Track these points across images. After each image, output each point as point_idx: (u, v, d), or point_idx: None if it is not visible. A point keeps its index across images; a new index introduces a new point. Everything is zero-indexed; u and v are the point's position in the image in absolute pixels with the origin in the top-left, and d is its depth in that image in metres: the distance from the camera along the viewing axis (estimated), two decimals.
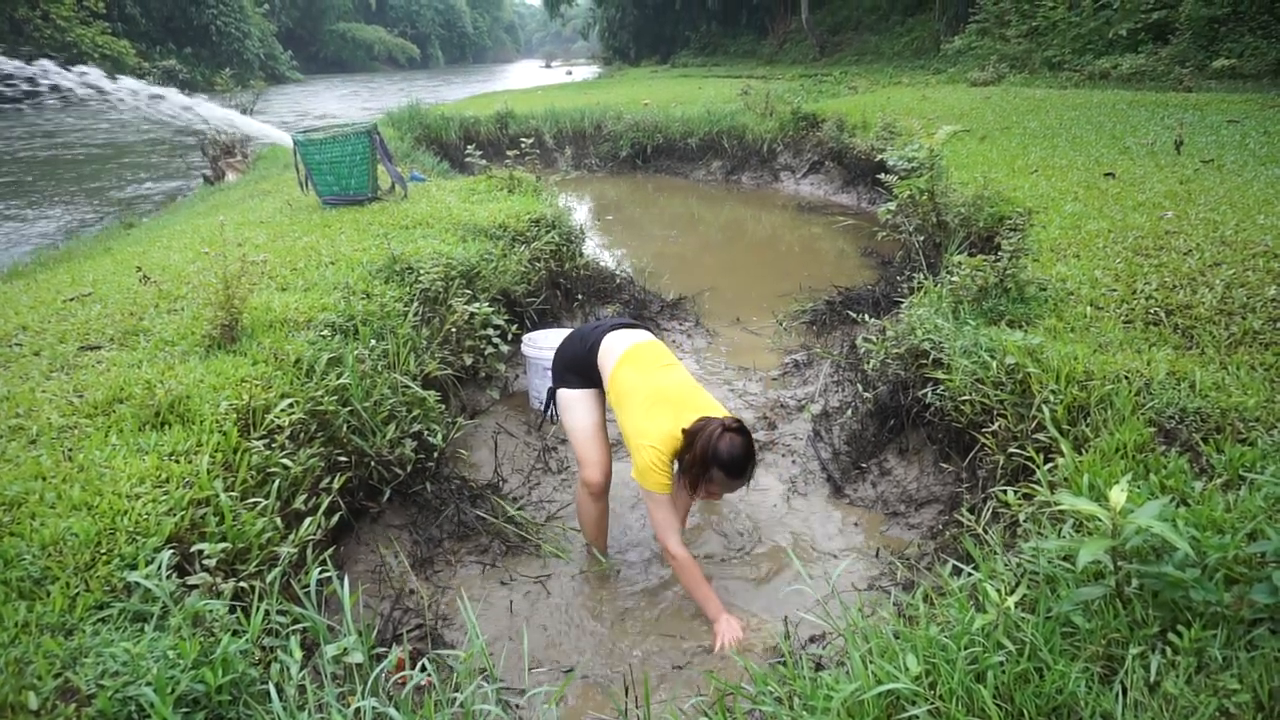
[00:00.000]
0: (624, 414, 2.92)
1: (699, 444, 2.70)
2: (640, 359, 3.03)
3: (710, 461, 2.69)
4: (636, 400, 2.89)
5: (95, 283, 4.31)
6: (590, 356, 3.13)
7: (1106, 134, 7.90)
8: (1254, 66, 11.95)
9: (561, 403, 3.21)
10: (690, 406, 2.85)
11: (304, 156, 6.02)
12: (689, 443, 2.74)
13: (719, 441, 2.68)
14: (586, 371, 3.15)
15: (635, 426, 2.85)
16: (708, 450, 2.68)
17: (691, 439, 2.74)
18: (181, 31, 46.90)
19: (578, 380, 3.18)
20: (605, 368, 3.07)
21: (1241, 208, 4.70)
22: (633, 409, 2.88)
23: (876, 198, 9.17)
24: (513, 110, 13.68)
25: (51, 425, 2.59)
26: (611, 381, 3.02)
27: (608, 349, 3.09)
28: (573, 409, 3.17)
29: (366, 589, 2.94)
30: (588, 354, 3.14)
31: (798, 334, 5.78)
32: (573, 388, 3.18)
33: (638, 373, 2.97)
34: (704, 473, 2.73)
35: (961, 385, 3.14)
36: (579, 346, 3.19)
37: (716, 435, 2.69)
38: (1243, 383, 2.69)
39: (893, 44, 23.62)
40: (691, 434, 2.74)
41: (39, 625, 1.80)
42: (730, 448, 2.68)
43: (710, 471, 2.72)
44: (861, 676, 1.73)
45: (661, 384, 2.94)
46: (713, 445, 2.68)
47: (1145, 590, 1.76)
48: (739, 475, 2.74)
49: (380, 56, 78.10)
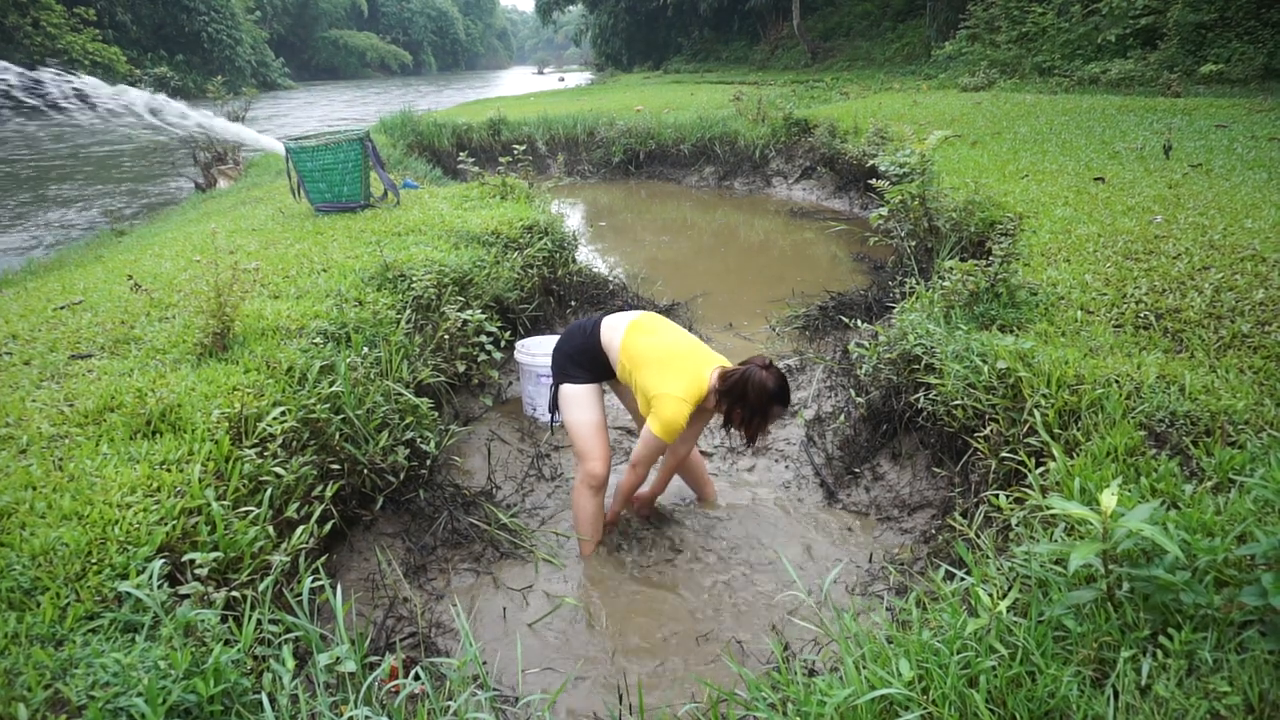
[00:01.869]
0: (642, 374, 3.07)
1: (751, 392, 2.95)
2: (647, 326, 3.20)
3: (771, 400, 2.98)
4: (653, 359, 3.06)
5: (86, 291, 4.30)
6: (593, 340, 3.23)
7: (1096, 139, 7.95)
8: (1241, 71, 12.05)
9: (565, 398, 3.28)
10: (705, 362, 3.09)
11: (296, 164, 6.01)
12: (739, 394, 2.97)
13: (767, 382, 2.96)
14: (590, 360, 3.24)
15: (659, 382, 3.01)
16: (763, 393, 2.96)
17: (740, 389, 2.97)
18: (173, 39, 46.86)
19: (581, 373, 3.25)
20: (612, 344, 3.18)
21: (1229, 212, 4.73)
22: (650, 368, 3.04)
23: (869, 203, 9.21)
24: (505, 117, 13.70)
25: (42, 434, 2.58)
26: (623, 350, 3.14)
27: (611, 326, 3.23)
28: (577, 403, 3.25)
29: (359, 597, 2.93)
30: (589, 339, 3.24)
31: (790, 339, 5.79)
32: (576, 382, 3.26)
33: (649, 336, 3.15)
34: (765, 412, 3.01)
35: (953, 390, 3.15)
36: (580, 336, 3.29)
37: (762, 378, 2.95)
38: (1232, 386, 2.71)
39: (884, 50, 23.74)
40: (736, 385, 2.98)
41: (29, 636, 1.79)
42: (778, 382, 2.99)
43: (771, 409, 3.01)
44: (855, 682, 1.74)
45: (673, 342, 3.14)
46: (765, 387, 2.95)
47: (1136, 593, 1.77)
48: (789, 401, 3.07)
49: (372, 63, 78.09)
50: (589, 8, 41.20)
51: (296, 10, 70.43)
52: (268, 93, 46.35)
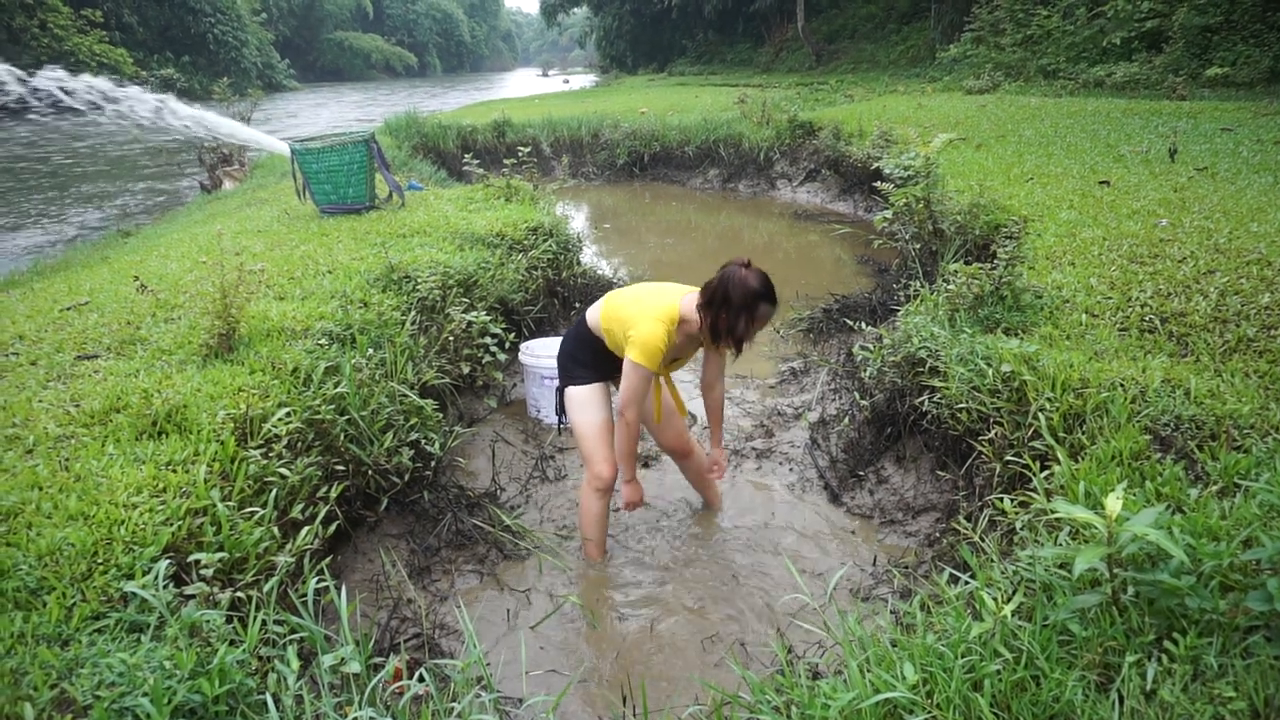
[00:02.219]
0: (624, 314, 3.01)
1: (734, 292, 2.80)
2: (621, 290, 3.20)
3: (755, 298, 2.81)
4: (629, 306, 3.02)
5: (92, 292, 4.31)
6: (583, 328, 3.20)
7: (1101, 142, 7.94)
8: (1247, 75, 12.03)
9: (570, 400, 3.22)
10: (680, 292, 3.03)
11: (302, 165, 6.03)
12: (722, 297, 2.82)
13: (749, 279, 2.81)
14: (590, 353, 3.19)
15: (637, 310, 2.97)
16: (747, 291, 2.80)
17: (722, 292, 2.82)
18: (179, 40, 47.00)
19: (584, 373, 3.19)
20: (596, 319, 3.15)
21: (1235, 215, 4.72)
22: (629, 314, 2.99)
23: (873, 205, 9.19)
24: (510, 119, 13.72)
25: (48, 435, 2.59)
26: (604, 317, 3.10)
27: (593, 306, 3.21)
28: (582, 405, 3.18)
29: (364, 598, 2.93)
30: (580, 328, 3.22)
31: (795, 342, 5.79)
32: (580, 383, 3.19)
33: (623, 294, 3.14)
34: (751, 311, 2.82)
35: (958, 393, 3.15)
36: (574, 330, 3.28)
37: (743, 275, 2.82)
38: (1237, 390, 2.70)
39: (888, 52, 23.73)
40: (717, 289, 2.84)
41: (35, 636, 1.80)
42: (760, 279, 2.83)
43: (757, 308, 2.83)
44: (859, 685, 1.73)
45: (646, 288, 3.12)
46: (747, 284, 2.80)
47: (1141, 598, 1.77)
48: (775, 300, 2.90)
49: (378, 65, 78.26)
50: (594, 10, 41.25)
51: (302, 12, 70.63)
52: (273, 94, 46.47)
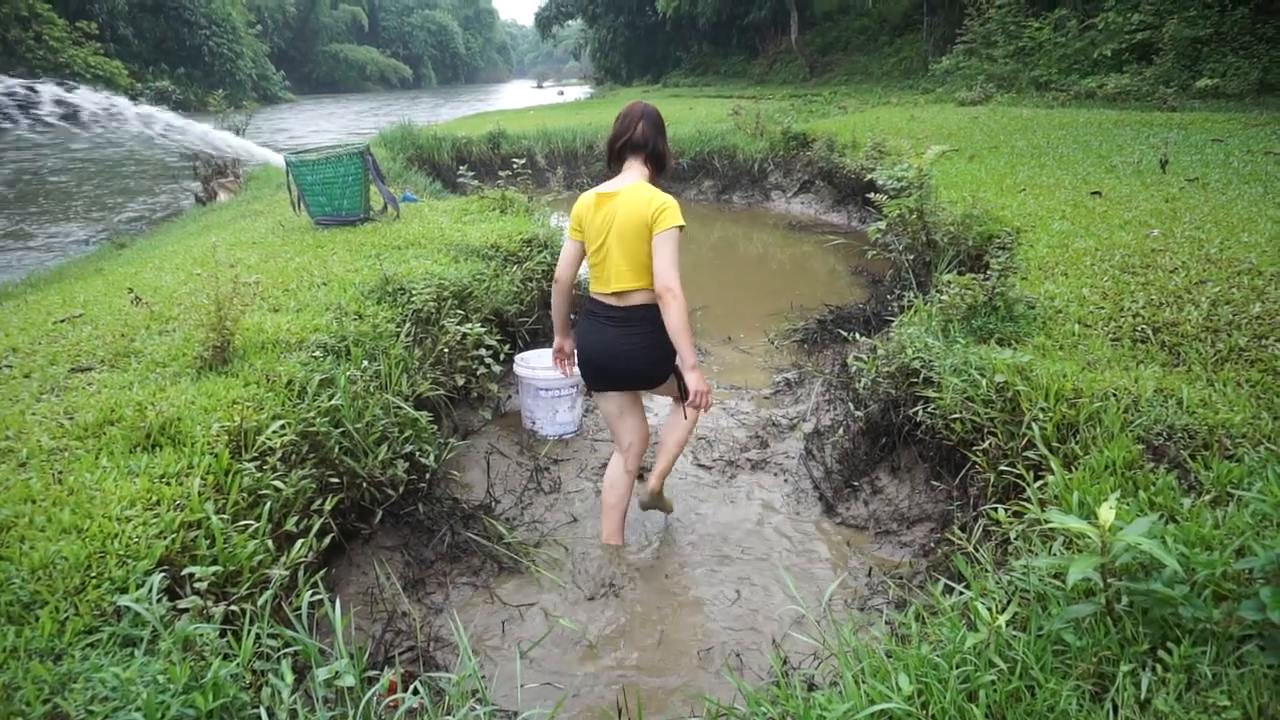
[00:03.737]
0: (636, 225, 3.01)
1: (657, 117, 3.16)
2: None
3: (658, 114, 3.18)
4: (618, 224, 3.04)
5: (86, 304, 4.31)
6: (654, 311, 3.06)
7: (1093, 153, 8.00)
8: (1236, 86, 12.13)
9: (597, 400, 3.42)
10: (633, 184, 3.09)
11: (297, 177, 6.03)
12: (657, 130, 3.13)
13: (650, 107, 3.16)
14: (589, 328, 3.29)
15: (641, 210, 3.00)
16: (654, 112, 3.16)
17: (655, 124, 3.13)
18: (174, 52, 47.13)
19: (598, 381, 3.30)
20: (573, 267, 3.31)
21: (1226, 225, 4.75)
22: (630, 222, 3.03)
23: (867, 216, 9.23)
24: (505, 130, 13.77)
25: (41, 448, 2.58)
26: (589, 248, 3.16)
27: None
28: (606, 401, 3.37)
29: (358, 611, 2.92)
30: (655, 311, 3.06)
31: (789, 352, 5.81)
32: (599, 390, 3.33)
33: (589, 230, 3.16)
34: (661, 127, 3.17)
35: (952, 403, 3.16)
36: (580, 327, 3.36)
37: (644, 105, 3.18)
38: (1229, 399, 2.72)
39: (881, 64, 23.90)
40: (649, 130, 3.11)
41: (28, 650, 1.79)
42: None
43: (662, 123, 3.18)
44: (854, 696, 1.73)
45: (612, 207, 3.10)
46: (651, 109, 3.15)
47: (1135, 607, 1.77)
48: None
49: (373, 77, 78.46)
50: (588, 22, 41.47)
51: (297, 24, 70.87)
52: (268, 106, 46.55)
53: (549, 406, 4.48)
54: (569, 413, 4.52)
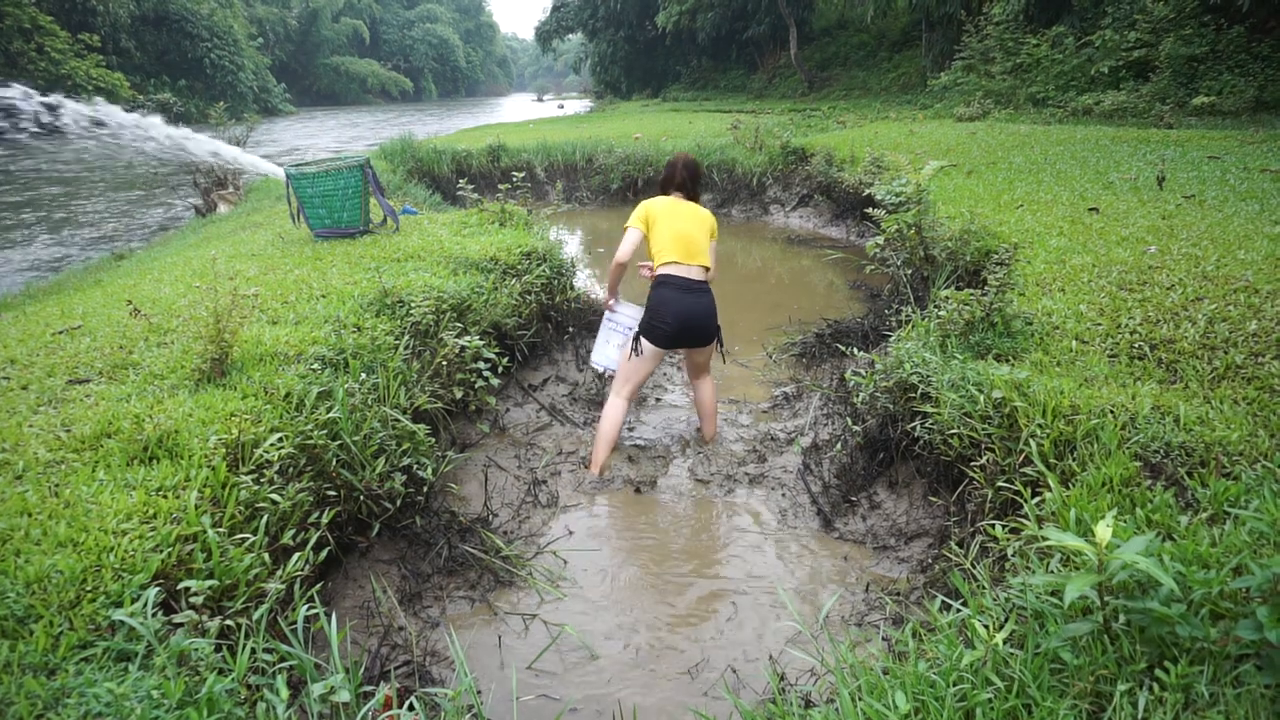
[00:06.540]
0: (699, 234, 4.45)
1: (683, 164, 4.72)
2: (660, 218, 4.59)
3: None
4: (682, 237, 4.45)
5: (85, 316, 4.31)
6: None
7: (1090, 169, 8.03)
8: (1233, 104, 12.21)
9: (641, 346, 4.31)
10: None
11: (297, 189, 6.05)
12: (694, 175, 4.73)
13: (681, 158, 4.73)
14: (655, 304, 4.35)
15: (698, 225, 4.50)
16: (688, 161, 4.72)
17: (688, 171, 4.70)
18: (175, 65, 47.33)
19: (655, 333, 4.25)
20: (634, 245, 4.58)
21: (1222, 243, 4.77)
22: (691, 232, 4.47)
23: (865, 231, 9.27)
24: (504, 144, 13.80)
25: (38, 460, 2.58)
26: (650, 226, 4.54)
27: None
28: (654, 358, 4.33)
29: (354, 625, 2.91)
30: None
31: (787, 367, 5.81)
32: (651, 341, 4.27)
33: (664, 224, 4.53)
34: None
35: (949, 419, 3.16)
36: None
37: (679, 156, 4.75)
38: (1226, 417, 2.72)
39: (880, 80, 24.05)
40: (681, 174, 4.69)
41: (21, 665, 1.78)
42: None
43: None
44: (851, 714, 1.73)
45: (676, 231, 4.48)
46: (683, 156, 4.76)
47: (1133, 626, 1.77)
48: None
49: (373, 90, 78.81)
50: (588, 36, 41.71)
51: (299, 37, 71.22)
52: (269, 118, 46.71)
53: (607, 337, 4.96)
54: (617, 350, 4.82)
